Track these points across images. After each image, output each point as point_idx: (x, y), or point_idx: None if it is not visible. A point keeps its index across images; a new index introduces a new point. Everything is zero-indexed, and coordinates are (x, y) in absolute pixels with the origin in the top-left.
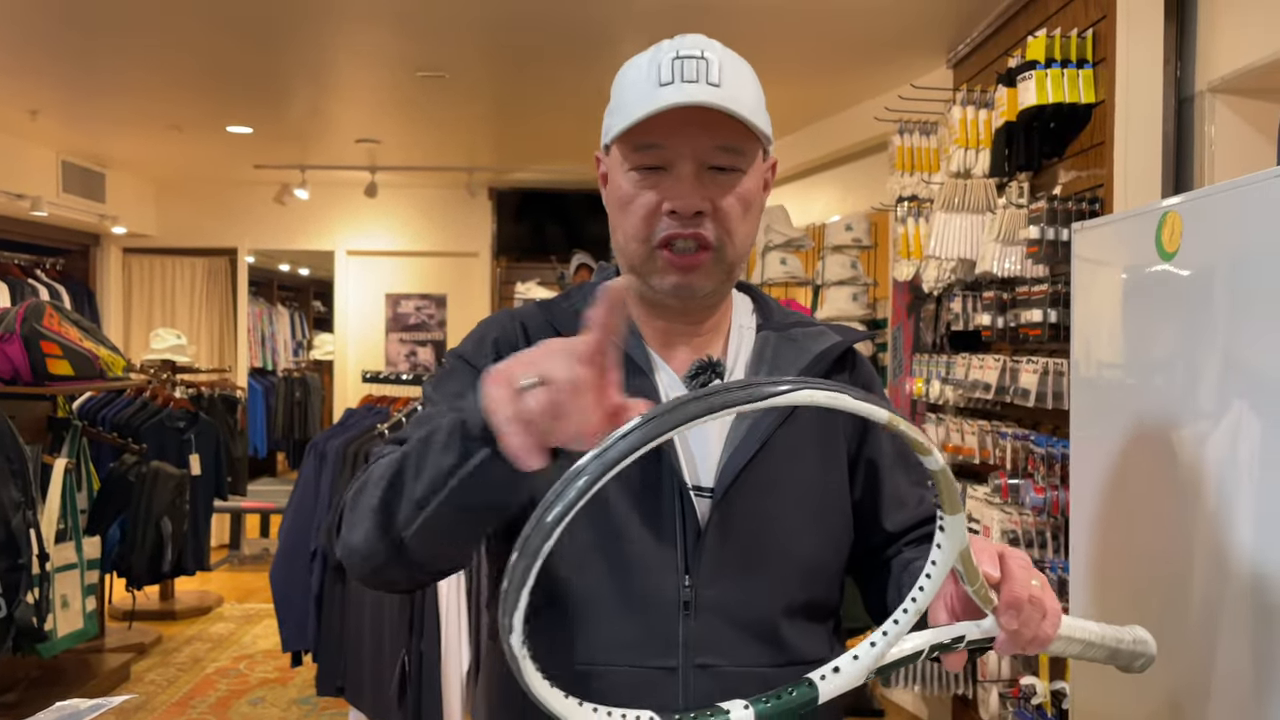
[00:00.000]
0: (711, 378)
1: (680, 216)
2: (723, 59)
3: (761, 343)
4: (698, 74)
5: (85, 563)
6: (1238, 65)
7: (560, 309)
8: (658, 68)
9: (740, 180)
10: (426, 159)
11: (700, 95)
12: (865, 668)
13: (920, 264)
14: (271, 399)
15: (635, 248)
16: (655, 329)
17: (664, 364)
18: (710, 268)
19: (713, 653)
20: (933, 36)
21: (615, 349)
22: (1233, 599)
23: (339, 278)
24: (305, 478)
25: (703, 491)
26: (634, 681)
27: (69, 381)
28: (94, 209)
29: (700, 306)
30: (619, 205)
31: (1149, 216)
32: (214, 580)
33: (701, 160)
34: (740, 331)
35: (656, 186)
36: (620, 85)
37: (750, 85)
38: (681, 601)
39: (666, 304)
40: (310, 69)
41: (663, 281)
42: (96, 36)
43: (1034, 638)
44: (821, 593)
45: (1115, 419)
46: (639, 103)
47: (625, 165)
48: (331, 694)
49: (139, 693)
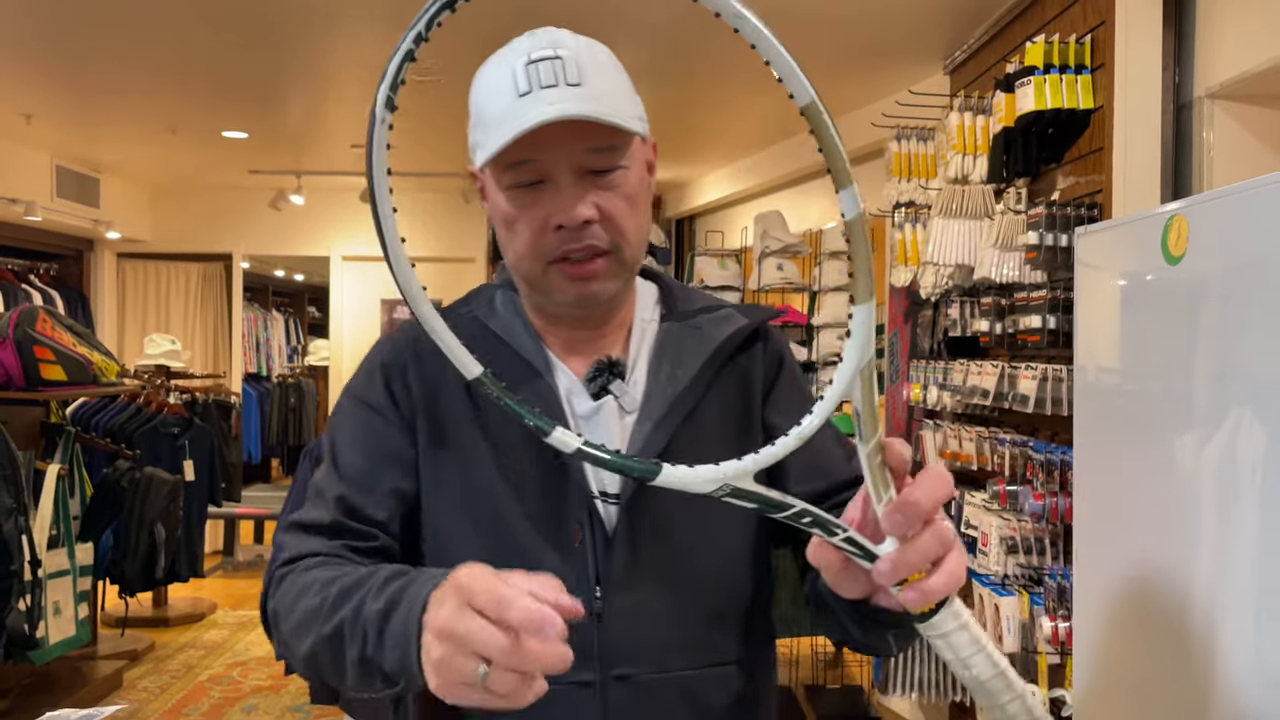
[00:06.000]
0: (610, 378)
1: (568, 230)
2: (578, 53)
3: (664, 335)
4: (555, 76)
5: (78, 569)
6: (1236, 71)
7: (458, 316)
8: (513, 75)
9: (623, 178)
10: (422, 165)
11: (561, 103)
12: (723, 476)
13: (918, 270)
14: (266, 405)
15: (528, 266)
16: (557, 336)
17: (564, 367)
18: (609, 271)
19: (629, 663)
20: (930, 42)
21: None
22: (1236, 607)
23: (334, 283)
24: (300, 484)
25: (609, 498)
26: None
27: (62, 387)
28: (88, 214)
29: (603, 309)
30: (504, 225)
31: (1154, 221)
32: (207, 587)
33: (578, 167)
34: (642, 326)
35: (538, 202)
36: (477, 96)
37: (612, 74)
38: (594, 613)
39: (571, 315)
40: (305, 74)
41: (563, 295)
42: (91, 41)
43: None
44: (741, 589)
45: (1119, 425)
46: (500, 121)
47: (500, 185)
48: (326, 702)
49: (131, 700)
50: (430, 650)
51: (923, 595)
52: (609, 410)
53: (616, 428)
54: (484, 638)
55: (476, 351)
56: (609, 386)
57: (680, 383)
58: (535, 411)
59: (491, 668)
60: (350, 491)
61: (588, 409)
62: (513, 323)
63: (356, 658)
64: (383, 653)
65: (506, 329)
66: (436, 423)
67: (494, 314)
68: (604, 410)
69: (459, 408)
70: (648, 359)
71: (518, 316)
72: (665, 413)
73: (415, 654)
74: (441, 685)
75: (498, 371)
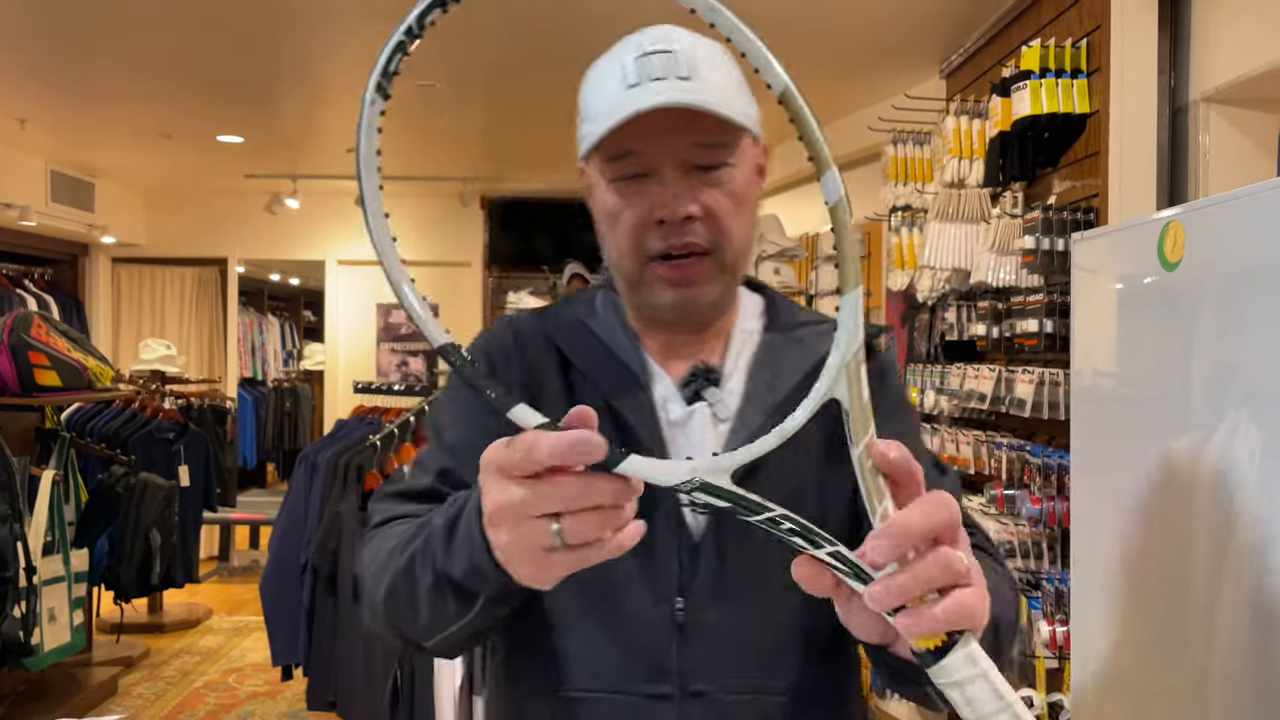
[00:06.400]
0: (705, 385)
1: (669, 225)
2: (691, 48)
3: (764, 346)
4: (666, 69)
5: (73, 575)
6: (1232, 75)
7: (556, 317)
8: (623, 68)
9: (729, 175)
10: (418, 169)
11: (669, 94)
12: (692, 469)
13: (914, 274)
14: (261, 409)
15: (628, 264)
16: (655, 339)
17: (660, 371)
18: (709, 274)
19: (708, 679)
20: (926, 47)
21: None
22: (1233, 610)
23: (330, 288)
24: (296, 489)
25: (699, 506)
26: (622, 712)
27: (57, 392)
28: (83, 218)
29: (702, 316)
30: (605, 220)
31: (1150, 227)
32: (203, 592)
33: (683, 162)
34: (743, 335)
35: (641, 196)
36: (587, 91)
37: (725, 71)
38: (676, 624)
39: (667, 319)
40: (301, 78)
41: (660, 298)
42: (86, 44)
43: (921, 608)
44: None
45: (1116, 429)
46: (607, 111)
47: (605, 177)
48: (322, 709)
49: (126, 706)
50: (498, 541)
51: (918, 622)
52: (701, 417)
53: (709, 435)
54: (533, 493)
55: (576, 352)
56: (703, 393)
57: (779, 393)
58: (491, 393)
59: (561, 520)
60: (452, 463)
61: (680, 415)
62: (612, 325)
63: (430, 581)
64: (451, 561)
65: (606, 331)
66: (531, 395)
67: (594, 315)
68: (696, 417)
69: (555, 398)
70: (746, 368)
71: (617, 318)
72: (762, 422)
73: (484, 552)
74: (529, 571)
75: (595, 372)
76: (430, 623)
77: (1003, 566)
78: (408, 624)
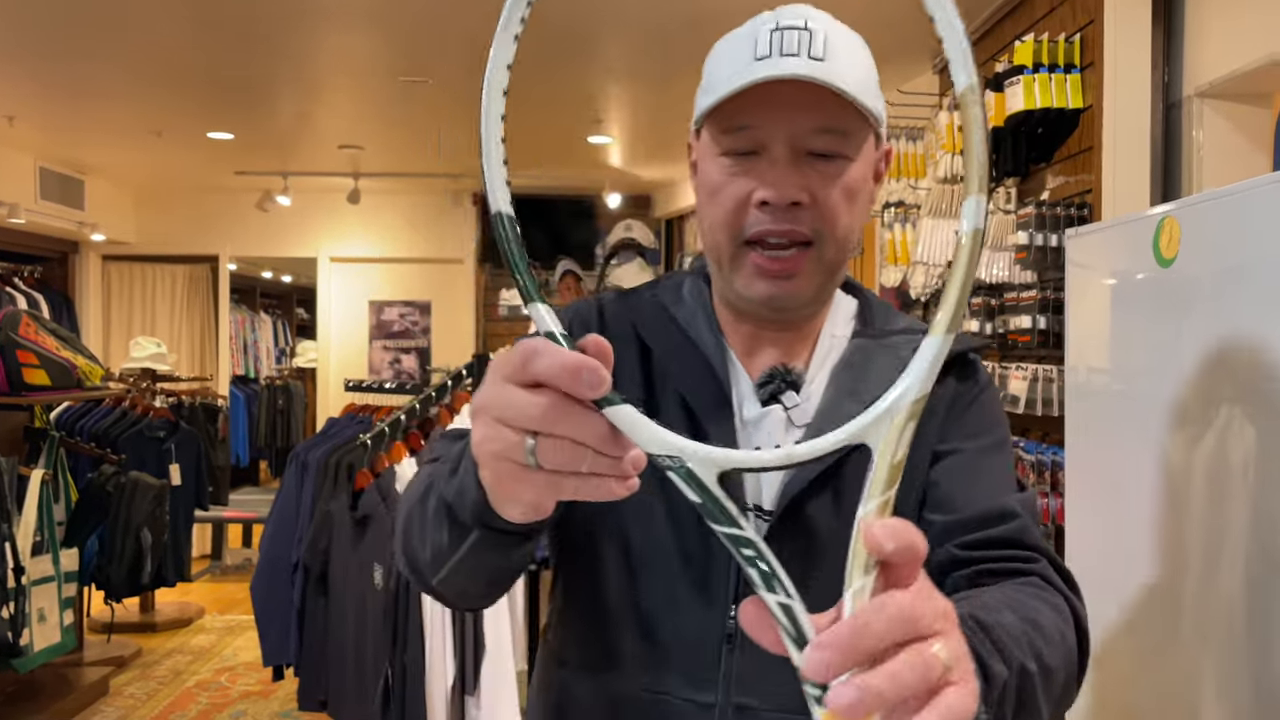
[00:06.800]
0: (782, 388)
1: (773, 208)
2: (830, 31)
3: (852, 351)
4: (799, 47)
5: (62, 575)
6: (1225, 70)
7: (639, 299)
8: (754, 41)
9: (846, 168)
10: (410, 165)
11: (799, 68)
12: (679, 448)
13: (907, 270)
14: (254, 407)
15: (722, 242)
16: (740, 333)
17: (743, 370)
18: (808, 270)
19: (754, 693)
20: (918, 42)
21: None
22: (1228, 605)
23: (322, 285)
24: (287, 488)
25: (762, 514)
26: (666, 713)
27: (46, 391)
28: (72, 216)
29: (795, 315)
30: (707, 194)
31: (1146, 223)
32: (195, 591)
33: (799, 144)
34: (830, 340)
35: (747, 173)
36: (712, 62)
37: (861, 60)
38: (726, 633)
39: (757, 313)
40: (292, 74)
41: (750, 289)
42: (75, 42)
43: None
44: None
45: (1110, 426)
46: (729, 79)
47: (715, 150)
48: (314, 708)
49: (118, 706)
50: (475, 438)
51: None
52: (774, 420)
53: (781, 440)
54: (516, 398)
55: (655, 339)
56: (780, 396)
57: (865, 401)
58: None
59: (538, 438)
60: None
61: (755, 414)
62: (696, 313)
63: (434, 506)
64: (450, 485)
65: (689, 319)
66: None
67: (680, 301)
68: (769, 419)
69: (630, 383)
70: (830, 373)
71: (702, 307)
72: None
73: (473, 472)
74: (492, 478)
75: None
76: (431, 555)
77: (1063, 601)
78: (417, 555)
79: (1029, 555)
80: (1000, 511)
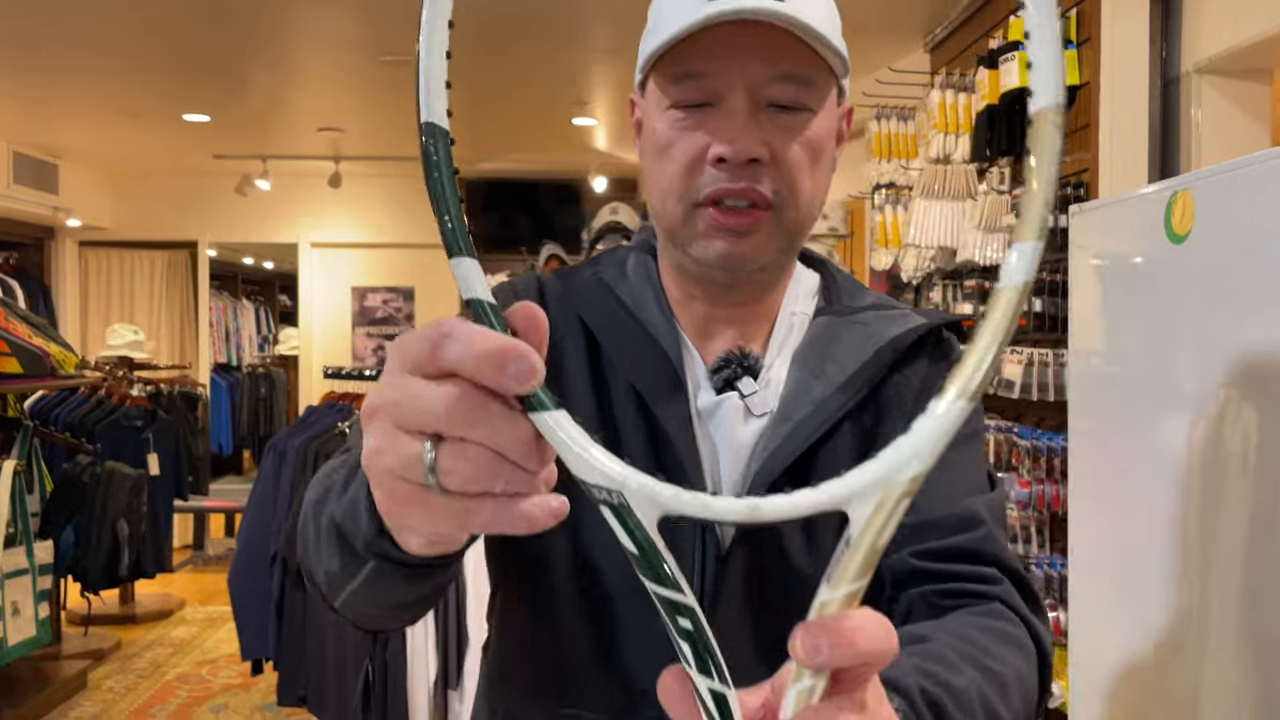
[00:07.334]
0: (738, 373)
1: (730, 165)
2: None
3: (818, 329)
4: None
5: (37, 568)
6: (1224, 46)
7: (579, 279)
8: None
9: (809, 121)
10: (391, 148)
11: (759, 4)
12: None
13: (899, 252)
14: (236, 395)
15: (672, 206)
16: (693, 313)
17: (697, 354)
18: (767, 231)
19: None
20: (910, 19)
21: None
22: (1232, 592)
23: (303, 271)
24: (265, 478)
25: None
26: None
27: (17, 380)
28: (47, 201)
29: (751, 283)
30: (655, 152)
31: (1157, 198)
32: (176, 582)
33: (758, 94)
34: (790, 320)
35: (700, 127)
36: (655, 3)
37: (825, 5)
38: None
39: (711, 279)
40: (269, 53)
41: (706, 250)
42: (47, 20)
43: None
44: None
45: (1117, 409)
46: (678, 19)
47: (663, 102)
48: (293, 704)
49: (96, 700)
50: (365, 448)
51: None
52: (731, 408)
53: (739, 431)
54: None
55: (599, 323)
56: (736, 383)
57: (833, 382)
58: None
59: (440, 444)
60: None
61: (709, 403)
62: (644, 292)
63: (327, 522)
64: (342, 502)
65: (636, 299)
66: (551, 371)
67: (623, 280)
68: (725, 407)
69: (577, 375)
70: (792, 356)
71: (650, 286)
72: (810, 413)
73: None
74: (386, 500)
75: (620, 348)
76: (325, 579)
77: (1024, 631)
78: (314, 572)
79: (992, 574)
80: (965, 518)
